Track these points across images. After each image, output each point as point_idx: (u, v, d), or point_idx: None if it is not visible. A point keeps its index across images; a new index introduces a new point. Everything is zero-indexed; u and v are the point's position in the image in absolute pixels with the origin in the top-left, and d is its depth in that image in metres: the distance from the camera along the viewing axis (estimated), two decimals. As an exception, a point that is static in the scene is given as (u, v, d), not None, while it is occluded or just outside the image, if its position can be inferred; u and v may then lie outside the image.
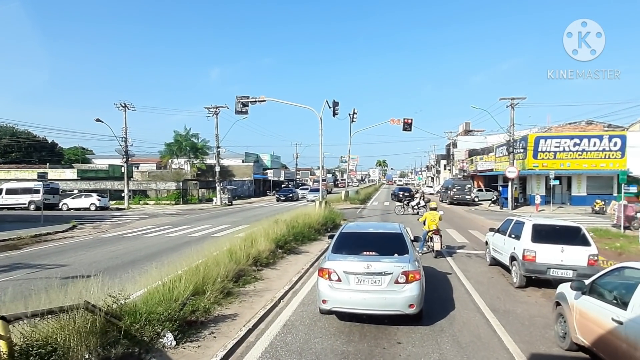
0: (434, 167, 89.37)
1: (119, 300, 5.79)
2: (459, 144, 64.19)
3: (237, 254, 9.79)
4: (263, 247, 11.09)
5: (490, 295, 8.69)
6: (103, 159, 65.45)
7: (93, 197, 36.18)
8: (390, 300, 6.30)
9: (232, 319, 6.81)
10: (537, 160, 35.33)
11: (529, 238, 9.10)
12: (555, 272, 8.74)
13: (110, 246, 15.44)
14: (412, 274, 6.36)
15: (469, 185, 39.40)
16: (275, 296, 8.13)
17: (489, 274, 10.68)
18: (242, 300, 7.80)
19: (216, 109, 40.40)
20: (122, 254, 13.73)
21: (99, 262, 12.22)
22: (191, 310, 6.45)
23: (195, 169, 54.49)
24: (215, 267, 8.44)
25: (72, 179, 45.81)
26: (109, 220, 26.31)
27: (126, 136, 38.63)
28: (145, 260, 12.09)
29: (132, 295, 6.81)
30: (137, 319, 5.63)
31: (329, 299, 6.50)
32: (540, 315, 7.41)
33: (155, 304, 6.29)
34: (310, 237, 15.17)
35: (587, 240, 8.88)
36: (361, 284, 6.44)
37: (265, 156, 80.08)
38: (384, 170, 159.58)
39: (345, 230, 7.90)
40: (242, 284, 8.80)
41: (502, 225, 11.16)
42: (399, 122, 32.60)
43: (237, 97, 23.83)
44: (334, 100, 25.83)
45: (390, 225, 8.30)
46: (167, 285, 7.00)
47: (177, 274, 7.66)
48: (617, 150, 34.05)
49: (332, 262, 6.66)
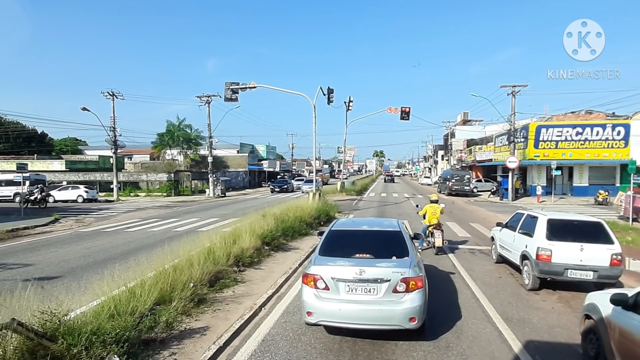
0: (431, 157, 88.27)
1: (57, 316, 4.76)
2: (457, 133, 63.12)
3: (215, 253, 8.77)
4: (247, 245, 10.04)
5: (501, 299, 7.69)
6: (96, 150, 63.85)
7: (80, 189, 34.97)
8: (388, 312, 5.28)
9: (202, 333, 5.77)
10: (538, 150, 34.32)
11: (543, 235, 8.07)
12: (574, 274, 7.74)
13: (86, 242, 14.35)
14: (413, 281, 5.33)
15: (468, 176, 38.36)
16: (256, 303, 7.09)
17: (497, 274, 9.68)
18: (217, 309, 6.75)
19: (208, 97, 39.16)
20: (97, 251, 12.65)
21: (68, 261, 11.16)
22: (150, 325, 5.40)
23: (189, 160, 53.22)
24: (188, 269, 7.40)
25: (60, 171, 44.45)
26: (94, 213, 25.19)
27: (114, 126, 37.32)
28: (119, 258, 11.03)
29: (85, 306, 5.79)
30: (77, 340, 4.59)
31: (314, 311, 5.47)
32: (560, 326, 6.41)
33: (106, 318, 5.26)
34: (302, 232, 14.15)
35: (609, 237, 7.86)
36: (353, 293, 5.41)
37: (260, 147, 78.58)
38: (381, 161, 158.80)
39: (336, 227, 6.82)
40: (219, 288, 7.75)
41: (511, 220, 10.13)
42: (397, 110, 31.35)
43: (227, 83, 22.58)
44: (329, 87, 24.63)
45: (388, 222, 7.20)
46: (125, 294, 5.97)
47: (142, 279, 6.65)
48: (621, 139, 33.05)
49: (319, 266, 5.62)
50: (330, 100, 24.71)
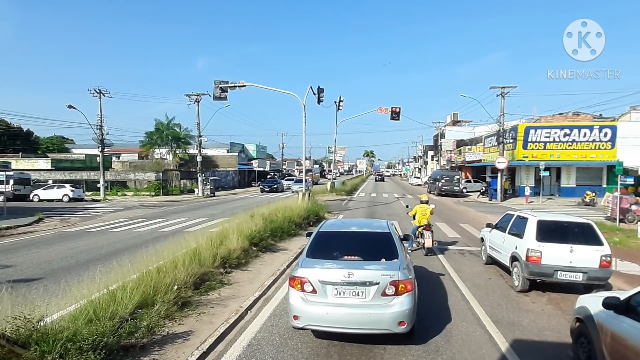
0: (421, 157, 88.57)
1: (31, 321, 4.55)
2: (447, 134, 63.39)
3: (201, 255, 8.56)
4: (234, 246, 9.84)
5: (490, 302, 7.61)
6: (83, 148, 62.74)
7: (66, 188, 34.28)
8: (376, 316, 5.15)
9: (185, 338, 5.57)
10: (526, 151, 34.58)
11: (533, 236, 8.01)
12: (563, 275, 7.70)
13: (70, 242, 14.00)
14: (402, 284, 5.21)
15: (458, 176, 38.46)
16: (242, 306, 6.91)
17: (486, 275, 9.61)
18: (201, 313, 6.55)
19: (197, 96, 38.80)
20: (80, 252, 12.34)
21: (49, 262, 10.86)
22: (130, 330, 5.20)
23: (178, 159, 52.55)
24: (173, 271, 7.20)
25: (46, 169, 43.65)
26: (80, 213, 24.71)
27: (101, 124, 36.69)
28: (103, 259, 10.77)
29: (63, 311, 5.57)
30: (52, 347, 4.37)
31: (301, 315, 5.32)
32: (550, 329, 6.35)
33: (84, 323, 5.05)
34: (291, 233, 13.96)
35: (598, 238, 7.84)
36: (341, 297, 5.27)
37: (250, 146, 78.01)
38: (372, 161, 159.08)
39: (324, 229, 6.66)
40: (205, 290, 7.55)
41: (501, 221, 10.09)
42: (387, 110, 31.30)
43: (216, 82, 22.24)
44: (319, 86, 24.44)
45: (377, 223, 7.06)
46: (105, 298, 5.76)
47: (124, 281, 6.43)
48: (608, 140, 33.44)
49: (306, 269, 5.46)
50: (320, 99, 24.55)
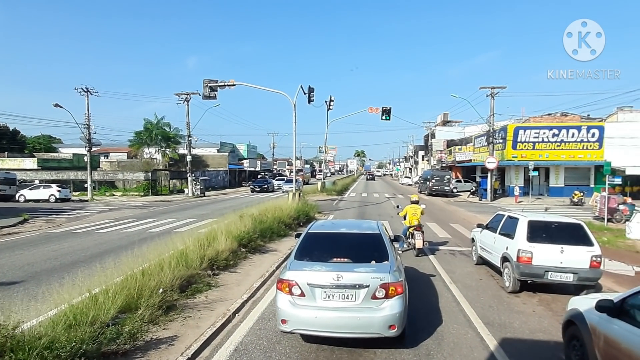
0: (412, 157, 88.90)
1: (7, 328, 4.36)
2: (438, 134, 63.67)
3: (189, 256, 8.38)
4: (223, 247, 9.66)
5: (481, 303, 7.54)
6: (71, 148, 61.75)
7: (53, 188, 33.74)
8: (366, 320, 5.03)
9: (169, 343, 5.40)
10: (516, 151, 34.83)
11: (524, 237, 7.97)
12: (554, 276, 7.66)
13: (54, 244, 13.69)
14: (393, 286, 5.10)
15: (448, 176, 38.57)
16: (230, 309, 6.75)
17: (477, 276, 9.56)
18: (187, 317, 6.37)
19: (187, 95, 38.45)
20: (64, 253, 12.05)
21: (32, 265, 10.57)
22: (111, 337, 5.01)
23: (167, 159, 51.96)
24: (158, 274, 7.01)
25: (32, 169, 42.93)
26: (66, 214, 24.28)
27: (89, 123, 36.15)
28: (88, 261, 10.54)
29: (42, 316, 5.37)
30: (28, 355, 4.19)
31: (289, 319, 5.18)
32: (541, 330, 6.29)
33: (63, 329, 4.86)
34: (280, 233, 13.79)
35: (589, 239, 7.82)
36: (330, 300, 5.14)
37: (241, 146, 77.55)
38: (363, 161, 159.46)
39: (313, 230, 6.52)
40: (191, 293, 7.37)
41: (492, 221, 10.04)
42: (377, 110, 31.37)
43: (205, 80, 21.97)
44: (309, 85, 24.33)
45: (367, 224, 6.93)
46: (86, 302, 5.57)
47: (107, 285, 6.24)
48: (595, 141, 33.80)
49: (294, 272, 5.32)
50: (310, 99, 24.43)
